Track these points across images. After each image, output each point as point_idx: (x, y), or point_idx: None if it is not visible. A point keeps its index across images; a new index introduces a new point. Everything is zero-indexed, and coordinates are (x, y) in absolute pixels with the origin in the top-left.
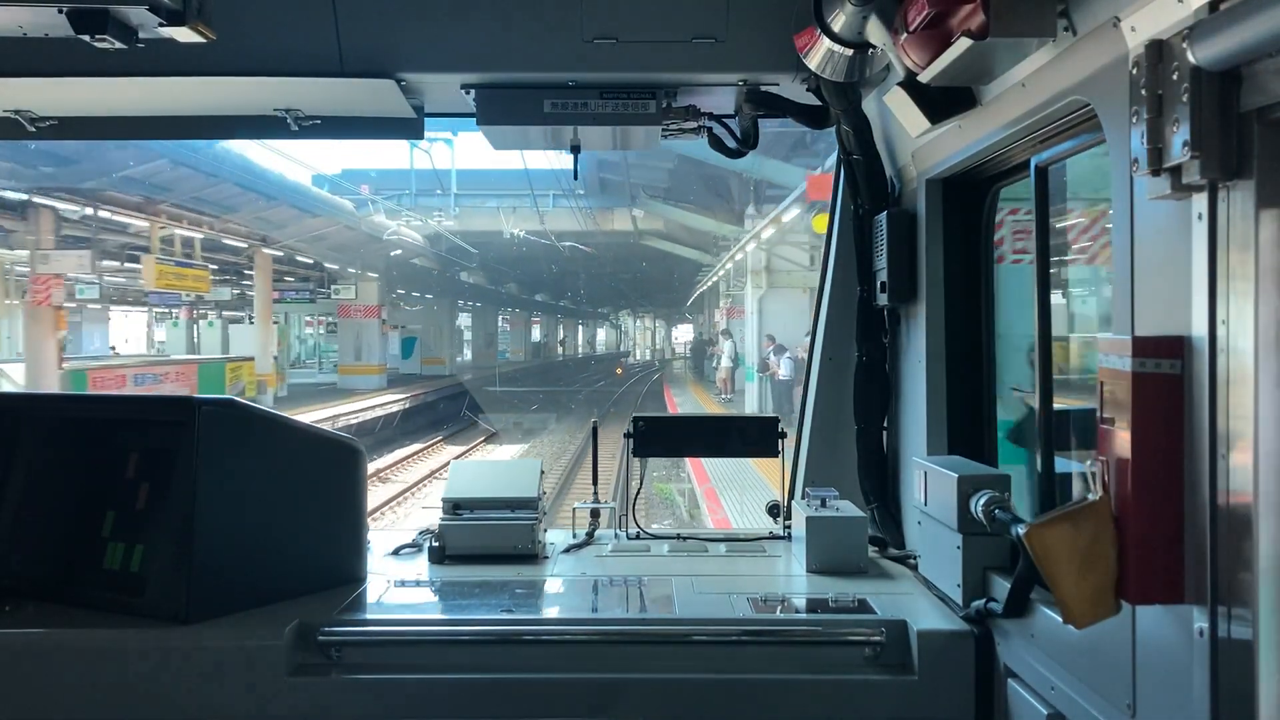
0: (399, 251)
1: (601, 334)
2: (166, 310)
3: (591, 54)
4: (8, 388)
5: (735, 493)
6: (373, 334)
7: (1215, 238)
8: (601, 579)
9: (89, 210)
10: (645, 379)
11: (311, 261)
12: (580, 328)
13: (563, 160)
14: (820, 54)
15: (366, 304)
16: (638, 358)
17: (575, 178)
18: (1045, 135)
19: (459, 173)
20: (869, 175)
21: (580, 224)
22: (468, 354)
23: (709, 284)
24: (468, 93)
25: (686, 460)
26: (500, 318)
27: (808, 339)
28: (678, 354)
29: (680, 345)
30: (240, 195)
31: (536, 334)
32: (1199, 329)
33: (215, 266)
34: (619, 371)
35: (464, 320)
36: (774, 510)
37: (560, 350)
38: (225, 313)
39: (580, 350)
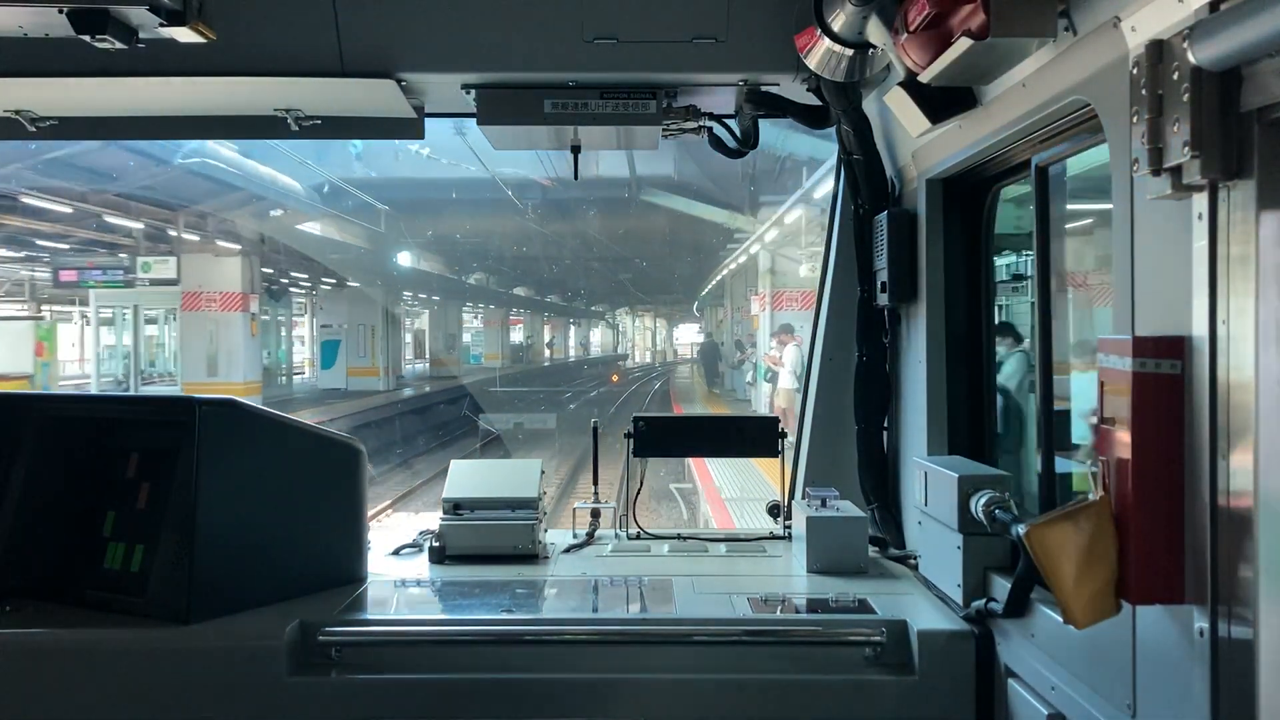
0: (279, 212)
1: (597, 334)
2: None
3: (592, 54)
4: None
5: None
6: (234, 335)
7: (1216, 238)
8: (602, 579)
9: None
10: (647, 386)
11: (70, 210)
12: (572, 328)
13: None
14: (820, 54)
15: (224, 290)
16: (636, 360)
17: (575, 178)
18: (1046, 135)
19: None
20: (869, 175)
21: (549, 166)
22: (426, 359)
23: (747, 253)
24: (468, 93)
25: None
26: (471, 315)
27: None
28: (680, 356)
29: (685, 347)
30: None
31: (519, 335)
32: (1199, 329)
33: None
34: (614, 379)
35: (424, 320)
36: (774, 510)
37: (548, 353)
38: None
39: (572, 353)
